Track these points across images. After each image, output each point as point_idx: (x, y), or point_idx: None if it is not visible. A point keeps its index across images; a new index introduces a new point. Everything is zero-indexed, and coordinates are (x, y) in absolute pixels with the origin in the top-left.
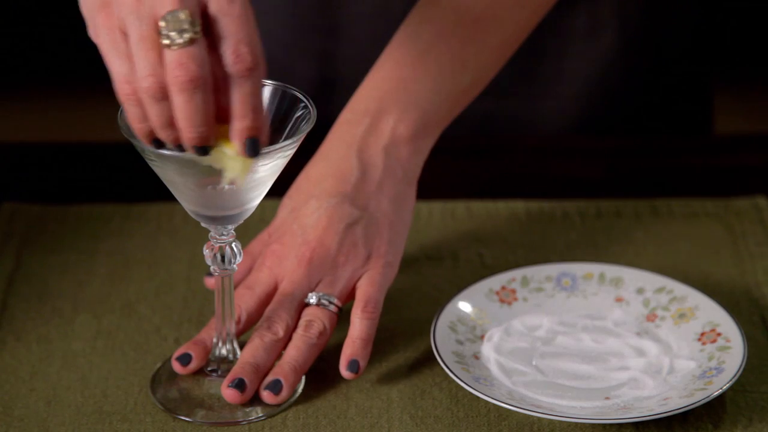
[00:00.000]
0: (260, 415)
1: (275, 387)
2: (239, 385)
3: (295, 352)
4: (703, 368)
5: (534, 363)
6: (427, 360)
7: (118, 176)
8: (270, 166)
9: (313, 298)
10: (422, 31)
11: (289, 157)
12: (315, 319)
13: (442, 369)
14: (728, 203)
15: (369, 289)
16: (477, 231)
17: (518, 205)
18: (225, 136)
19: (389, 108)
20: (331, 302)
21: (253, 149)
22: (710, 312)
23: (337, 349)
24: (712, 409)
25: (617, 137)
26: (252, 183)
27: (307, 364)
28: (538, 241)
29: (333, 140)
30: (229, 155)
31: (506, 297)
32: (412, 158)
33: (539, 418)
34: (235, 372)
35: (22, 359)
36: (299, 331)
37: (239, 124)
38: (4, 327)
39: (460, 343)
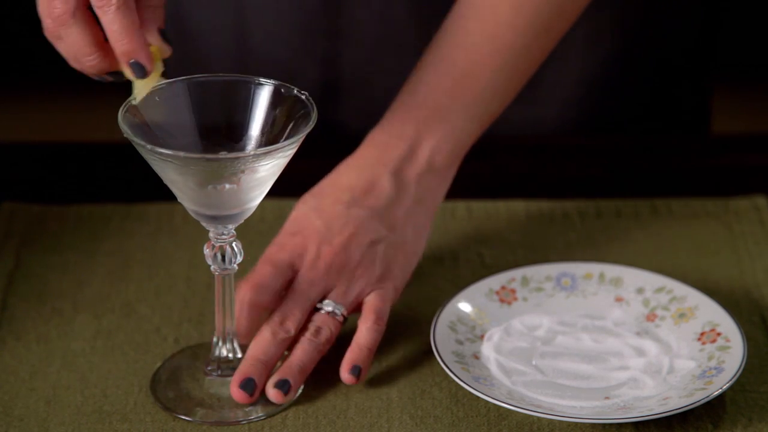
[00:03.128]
0: (260, 414)
1: (284, 386)
2: (249, 385)
3: (303, 355)
4: (703, 368)
5: (534, 363)
6: (427, 360)
7: (118, 176)
8: (270, 166)
9: (329, 307)
10: (457, 58)
11: (290, 157)
12: (324, 327)
13: (442, 369)
14: (728, 203)
15: (380, 303)
16: (477, 231)
17: (518, 205)
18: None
19: (426, 136)
20: (341, 313)
21: (140, 70)
22: (710, 312)
23: (337, 349)
24: (712, 409)
25: (617, 137)
26: (252, 183)
27: (311, 368)
28: (538, 241)
29: (367, 156)
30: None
31: (506, 297)
32: (439, 188)
33: (539, 418)
34: (246, 371)
35: (22, 359)
36: (308, 335)
37: (116, 51)
38: (4, 327)
39: (459, 342)
